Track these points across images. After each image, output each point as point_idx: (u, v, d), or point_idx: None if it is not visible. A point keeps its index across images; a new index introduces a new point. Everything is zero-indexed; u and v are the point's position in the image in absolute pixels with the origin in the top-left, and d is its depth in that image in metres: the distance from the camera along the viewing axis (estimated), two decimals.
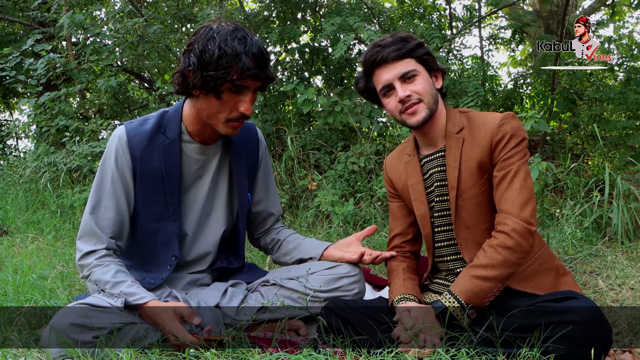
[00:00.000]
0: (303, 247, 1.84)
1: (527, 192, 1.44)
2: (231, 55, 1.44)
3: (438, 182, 1.59)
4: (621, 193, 2.75)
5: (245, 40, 1.46)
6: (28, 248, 2.88)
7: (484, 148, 1.49)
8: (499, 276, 1.40)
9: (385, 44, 1.53)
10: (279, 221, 1.96)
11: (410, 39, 1.54)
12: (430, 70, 1.57)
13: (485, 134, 1.50)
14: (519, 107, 4.92)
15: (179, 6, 5.22)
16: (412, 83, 1.52)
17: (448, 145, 1.56)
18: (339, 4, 4.79)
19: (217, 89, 1.48)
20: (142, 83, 6.48)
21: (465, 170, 1.52)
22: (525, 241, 1.41)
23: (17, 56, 4.82)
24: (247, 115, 1.54)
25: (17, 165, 5.02)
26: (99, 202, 1.62)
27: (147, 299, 1.51)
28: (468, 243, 1.55)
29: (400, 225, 1.74)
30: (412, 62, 1.53)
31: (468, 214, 1.54)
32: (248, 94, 1.52)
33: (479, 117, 1.55)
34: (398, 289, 1.58)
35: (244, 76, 1.47)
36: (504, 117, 1.49)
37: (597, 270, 2.29)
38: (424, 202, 1.62)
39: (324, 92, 4.77)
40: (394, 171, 1.73)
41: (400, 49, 1.51)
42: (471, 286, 1.40)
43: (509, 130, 1.47)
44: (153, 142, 1.63)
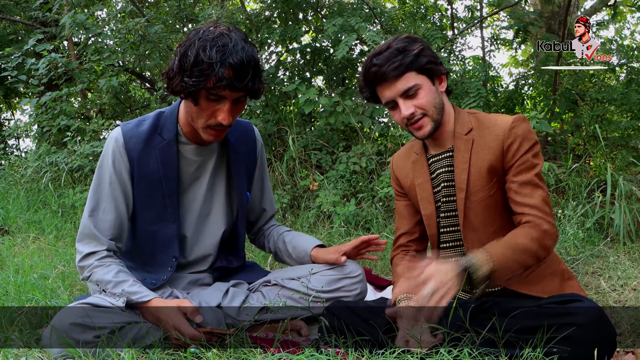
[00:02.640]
0: (296, 248, 1.85)
1: (548, 197, 1.46)
2: (206, 64, 1.40)
3: (445, 183, 1.58)
4: (623, 194, 2.74)
5: (225, 49, 1.41)
6: (29, 248, 2.88)
7: (494, 151, 1.48)
8: (531, 250, 1.39)
9: (382, 61, 1.46)
10: (272, 219, 1.97)
11: (408, 48, 1.47)
12: (433, 77, 1.52)
13: (496, 137, 1.48)
14: (520, 107, 4.92)
15: (181, 6, 5.22)
16: (415, 98, 1.48)
17: (456, 146, 1.54)
18: (341, 4, 4.79)
19: (194, 95, 1.47)
20: (143, 83, 6.48)
21: (474, 172, 1.50)
22: (553, 245, 1.43)
23: (18, 56, 4.83)
24: (224, 125, 1.51)
25: (19, 165, 5.03)
26: (98, 205, 1.61)
27: (149, 297, 1.51)
28: (475, 245, 1.52)
29: (406, 224, 1.73)
30: (412, 76, 1.47)
31: (476, 216, 1.52)
32: (226, 104, 1.48)
33: (488, 119, 1.53)
34: (401, 289, 1.57)
35: (219, 86, 1.43)
36: (515, 120, 1.47)
37: (599, 271, 2.28)
38: (431, 201, 1.60)
39: (325, 93, 4.77)
40: (401, 170, 1.71)
41: (398, 66, 1.45)
42: (503, 251, 1.36)
43: (520, 134, 1.46)
44: (150, 144, 1.63)
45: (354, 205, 3.18)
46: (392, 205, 3.25)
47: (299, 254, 1.82)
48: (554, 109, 4.07)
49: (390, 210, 3.24)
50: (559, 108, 4.06)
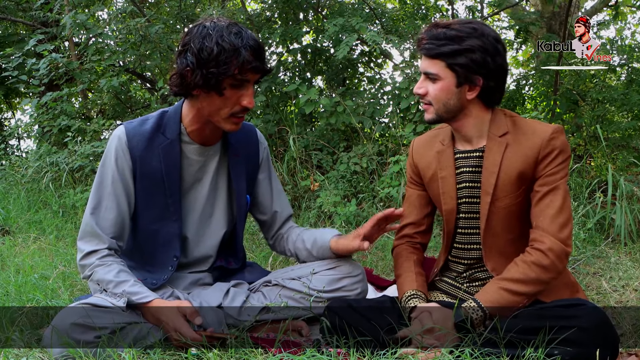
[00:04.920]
0: (315, 243, 1.77)
1: (567, 212, 1.40)
2: (230, 50, 1.44)
3: (469, 183, 1.52)
4: (624, 194, 2.74)
5: (241, 34, 1.47)
6: (30, 248, 2.88)
7: (528, 159, 1.43)
8: (529, 293, 1.37)
9: (427, 35, 1.42)
10: (289, 221, 1.90)
11: (459, 39, 1.39)
12: (462, 80, 1.42)
13: (533, 145, 1.42)
14: (521, 108, 4.92)
15: (181, 6, 5.22)
16: (432, 83, 1.45)
17: (488, 147, 1.48)
18: (341, 4, 4.79)
19: (219, 86, 1.48)
20: (144, 83, 6.49)
21: (503, 177, 1.45)
22: (560, 262, 1.38)
23: (19, 56, 4.83)
24: (249, 108, 1.54)
25: (19, 165, 5.03)
26: (100, 203, 1.61)
27: (150, 297, 1.51)
28: (492, 251, 1.51)
29: (415, 214, 1.67)
30: (440, 66, 1.42)
31: (498, 222, 1.48)
32: (249, 88, 1.52)
33: (527, 125, 1.47)
34: (410, 283, 1.55)
35: (245, 70, 1.47)
36: (555, 130, 1.43)
37: (600, 272, 2.28)
38: (453, 197, 1.54)
39: (326, 93, 4.77)
40: (423, 158, 1.63)
41: (432, 49, 1.41)
42: (499, 298, 1.36)
43: (558, 146, 1.41)
44: (153, 143, 1.63)
45: (355, 205, 3.17)
46: (393, 206, 3.25)
47: (319, 249, 1.76)
48: (555, 109, 4.07)
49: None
50: (559, 108, 4.06)
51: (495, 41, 1.41)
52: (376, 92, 4.33)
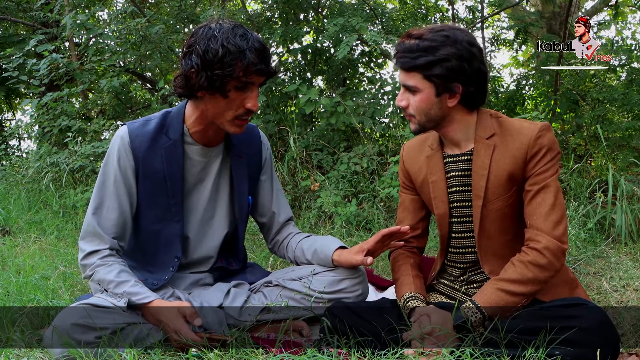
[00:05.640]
0: (316, 254, 1.76)
1: (560, 209, 1.39)
2: (235, 53, 1.44)
3: (459, 187, 1.52)
4: (625, 194, 2.74)
5: (246, 36, 1.46)
6: (30, 248, 2.88)
7: (517, 159, 1.42)
8: (527, 292, 1.37)
9: (401, 48, 1.41)
10: (288, 225, 1.89)
11: (433, 50, 1.36)
12: (440, 89, 1.41)
13: (520, 145, 1.42)
14: (521, 108, 4.92)
15: (182, 7, 5.22)
16: (412, 95, 1.44)
17: (476, 150, 1.47)
18: (342, 4, 4.79)
19: (224, 88, 1.48)
20: (144, 84, 6.48)
21: (494, 180, 1.44)
22: (557, 260, 1.37)
23: (20, 57, 4.83)
24: (253, 111, 1.54)
25: (20, 166, 5.03)
26: (102, 203, 1.61)
27: (151, 298, 1.51)
28: (487, 254, 1.51)
29: (410, 219, 1.67)
30: (417, 78, 1.40)
31: (491, 224, 1.48)
32: (254, 90, 1.52)
33: (512, 125, 1.46)
34: (408, 286, 1.55)
35: (249, 72, 1.47)
36: (542, 128, 1.42)
37: (600, 272, 2.28)
38: (444, 201, 1.54)
39: (326, 93, 4.77)
40: (413, 163, 1.63)
41: (407, 62, 1.39)
42: (497, 299, 1.36)
43: (546, 144, 1.41)
44: (155, 143, 1.63)
45: (355, 205, 3.17)
46: (394, 206, 3.25)
47: (319, 261, 1.74)
48: (555, 109, 4.07)
49: (392, 211, 3.24)
50: (560, 108, 4.06)
51: (469, 45, 1.39)
52: (376, 92, 4.33)
